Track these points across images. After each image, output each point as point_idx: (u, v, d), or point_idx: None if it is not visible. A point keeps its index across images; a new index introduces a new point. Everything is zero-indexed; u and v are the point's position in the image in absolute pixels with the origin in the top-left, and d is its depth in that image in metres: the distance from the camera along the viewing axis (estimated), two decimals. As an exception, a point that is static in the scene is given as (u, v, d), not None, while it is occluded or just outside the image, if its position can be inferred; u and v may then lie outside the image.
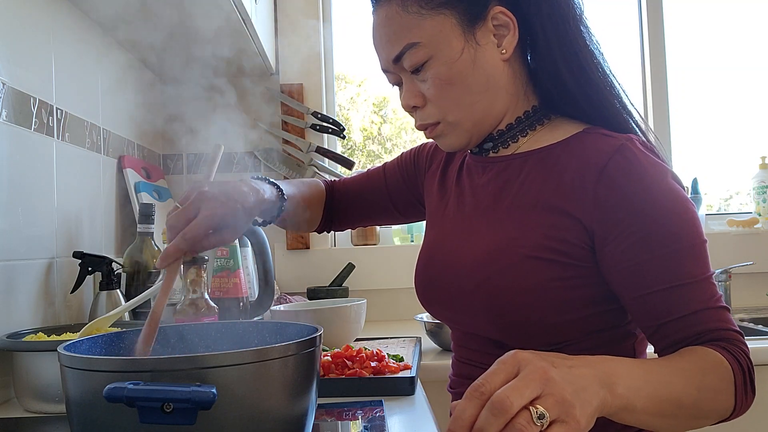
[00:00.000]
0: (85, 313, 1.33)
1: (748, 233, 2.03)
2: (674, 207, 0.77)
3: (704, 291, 0.76)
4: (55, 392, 0.92)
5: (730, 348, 0.74)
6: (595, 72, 0.85)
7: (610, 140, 0.81)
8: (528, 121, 0.88)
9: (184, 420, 0.52)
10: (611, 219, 0.78)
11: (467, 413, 0.55)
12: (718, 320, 0.76)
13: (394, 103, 2.58)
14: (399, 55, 0.84)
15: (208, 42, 1.59)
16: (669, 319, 0.76)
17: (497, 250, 0.84)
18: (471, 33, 0.83)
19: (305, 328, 0.74)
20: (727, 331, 0.76)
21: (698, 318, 0.76)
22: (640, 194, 0.77)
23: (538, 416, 0.54)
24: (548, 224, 0.81)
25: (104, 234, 1.52)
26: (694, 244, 0.77)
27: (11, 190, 1.11)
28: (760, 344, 1.38)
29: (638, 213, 0.76)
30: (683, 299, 0.76)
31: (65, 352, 0.60)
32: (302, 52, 2.07)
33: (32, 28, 1.22)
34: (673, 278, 0.76)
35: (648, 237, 0.76)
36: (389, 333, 1.54)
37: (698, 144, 2.28)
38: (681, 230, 0.76)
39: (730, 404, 0.72)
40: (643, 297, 0.77)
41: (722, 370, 0.71)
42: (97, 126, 1.49)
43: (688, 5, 2.27)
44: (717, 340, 0.75)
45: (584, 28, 0.86)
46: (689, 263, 0.76)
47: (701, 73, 2.30)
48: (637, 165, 0.78)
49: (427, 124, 0.88)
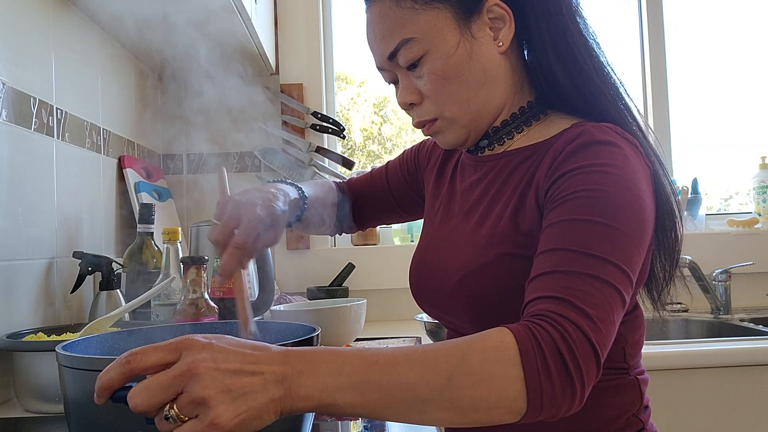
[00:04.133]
0: (85, 313, 1.33)
1: (748, 233, 2.03)
2: (612, 188, 0.71)
3: (590, 265, 0.66)
4: (55, 392, 0.92)
5: (535, 325, 0.61)
6: (587, 63, 0.82)
7: (578, 127, 0.78)
8: (522, 117, 0.87)
9: (187, 418, 0.52)
10: (552, 194, 0.74)
11: (107, 375, 0.52)
12: (563, 288, 0.65)
13: (394, 103, 2.58)
14: (394, 52, 0.83)
15: (208, 42, 1.59)
16: (535, 275, 0.68)
17: (475, 251, 0.83)
18: (467, 26, 0.81)
19: (304, 328, 0.74)
20: (556, 299, 0.64)
21: (551, 281, 0.66)
22: (581, 169, 0.73)
23: (165, 416, 0.51)
24: (517, 218, 0.80)
25: (104, 234, 1.52)
26: (614, 227, 0.68)
27: (11, 190, 1.11)
28: (760, 344, 1.38)
29: (572, 182, 0.72)
30: (560, 260, 0.67)
31: (64, 352, 0.60)
32: (302, 52, 2.07)
33: (32, 28, 1.22)
34: (570, 242, 0.68)
35: (569, 203, 0.71)
36: (389, 333, 1.54)
37: (698, 144, 2.28)
38: (607, 209, 0.69)
39: (514, 392, 0.59)
40: (538, 256, 0.70)
41: (498, 353, 0.60)
42: (97, 126, 1.49)
43: (688, 5, 2.27)
44: (537, 315, 0.64)
45: (579, 18, 0.84)
46: (597, 238, 0.68)
47: (701, 73, 2.30)
48: (592, 143, 0.74)
49: (425, 121, 0.87)
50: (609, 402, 0.82)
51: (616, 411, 0.82)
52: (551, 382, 0.59)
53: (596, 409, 0.81)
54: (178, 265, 1.20)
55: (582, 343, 0.61)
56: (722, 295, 1.86)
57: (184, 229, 1.60)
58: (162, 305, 1.18)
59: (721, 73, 2.31)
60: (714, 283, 1.87)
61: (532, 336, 0.60)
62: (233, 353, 0.54)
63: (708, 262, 1.87)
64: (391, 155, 2.62)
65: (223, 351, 0.53)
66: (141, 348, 0.53)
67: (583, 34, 0.83)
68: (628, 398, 0.83)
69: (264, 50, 1.82)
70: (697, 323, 1.85)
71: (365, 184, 1.14)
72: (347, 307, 1.29)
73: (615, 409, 0.82)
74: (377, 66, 0.88)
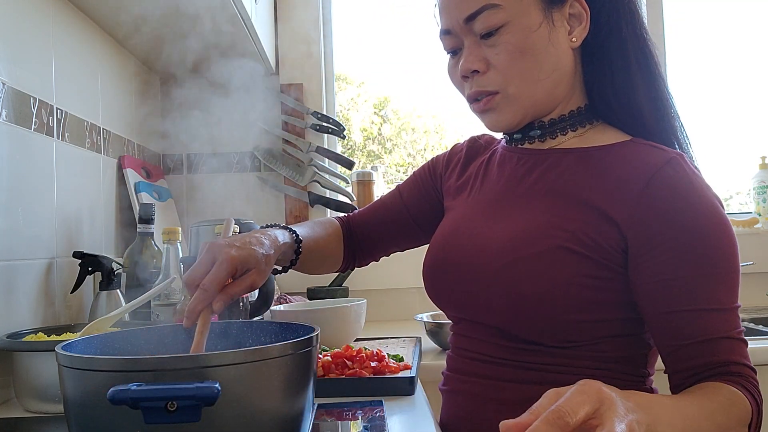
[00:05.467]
0: (85, 313, 1.33)
1: (748, 233, 2.03)
2: (716, 231, 0.76)
3: (729, 321, 0.76)
4: (55, 392, 0.92)
5: (748, 386, 0.73)
6: (662, 83, 0.86)
7: (661, 152, 0.81)
8: (578, 118, 0.88)
9: (189, 417, 0.53)
10: (651, 229, 0.77)
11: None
12: (737, 353, 0.75)
13: (394, 103, 2.58)
14: (474, 14, 0.82)
15: (208, 41, 1.59)
16: (689, 342, 0.76)
17: (526, 236, 0.82)
18: (550, 12, 0.83)
19: (303, 328, 0.74)
20: (742, 366, 0.75)
21: (718, 347, 0.75)
22: (684, 210, 0.76)
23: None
24: (584, 219, 0.80)
25: (104, 234, 1.52)
26: (729, 271, 0.76)
27: (11, 190, 1.11)
28: (760, 344, 1.38)
29: (680, 229, 0.76)
30: (707, 325, 0.75)
31: (64, 352, 0.60)
32: (302, 52, 2.07)
33: (32, 28, 1.22)
34: (702, 301, 0.75)
35: (685, 255, 0.75)
36: (389, 333, 1.54)
37: (698, 144, 2.28)
38: (719, 255, 0.76)
39: None
40: (667, 315, 0.76)
41: (743, 412, 0.71)
42: (97, 126, 1.49)
43: (688, 5, 2.27)
44: (732, 374, 0.74)
45: (649, 37, 0.87)
46: (721, 290, 0.76)
47: (701, 73, 2.30)
48: (686, 181, 0.77)
49: (486, 92, 0.85)
50: None
51: None
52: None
53: None
54: (178, 265, 1.20)
55: (761, 399, 0.74)
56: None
57: (184, 229, 1.60)
58: (162, 305, 1.18)
59: (721, 73, 2.31)
60: (714, 283, 1.87)
61: (753, 398, 0.73)
62: (631, 405, 0.58)
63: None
64: (391, 155, 2.61)
65: (626, 403, 0.57)
66: (564, 405, 0.52)
67: (654, 53, 0.87)
68: None
69: (264, 50, 1.82)
70: (697, 323, 1.84)
71: (373, 213, 1.11)
72: (347, 307, 1.29)
73: None
74: (444, 28, 0.87)
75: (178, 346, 0.79)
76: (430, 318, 1.51)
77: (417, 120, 2.80)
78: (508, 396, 0.84)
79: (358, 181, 2.09)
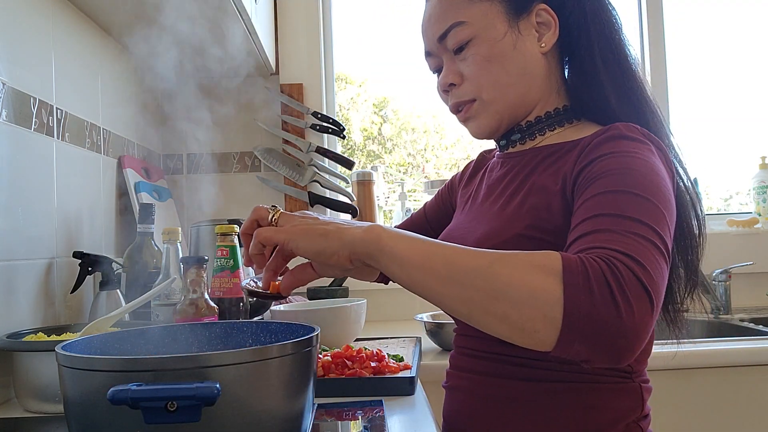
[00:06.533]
0: (85, 313, 1.33)
1: (748, 233, 2.04)
2: (646, 173, 0.72)
3: (628, 225, 0.66)
4: (55, 392, 0.92)
5: (585, 255, 0.62)
6: (632, 81, 0.88)
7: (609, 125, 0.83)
8: (557, 118, 0.91)
9: (189, 417, 0.53)
10: (584, 176, 0.77)
11: None
12: (620, 245, 0.63)
13: (394, 103, 2.58)
14: (444, 33, 0.89)
15: (208, 42, 1.59)
16: (583, 233, 0.68)
17: (495, 232, 0.86)
18: (515, 22, 0.88)
19: (303, 328, 0.74)
20: (612, 250, 0.63)
21: (603, 236, 0.65)
22: (615, 154, 0.76)
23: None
24: (539, 205, 0.83)
25: (104, 234, 1.52)
26: (650, 200, 0.69)
27: (11, 190, 1.11)
28: (760, 344, 1.38)
29: (607, 164, 0.75)
30: (601, 222, 0.67)
31: (64, 352, 0.60)
32: (302, 52, 2.07)
33: (32, 28, 1.22)
34: (617, 209, 0.68)
35: (607, 181, 0.72)
36: (389, 333, 1.54)
37: (698, 144, 2.28)
38: (643, 186, 0.70)
39: (551, 297, 0.59)
40: (576, 226, 0.71)
41: (542, 260, 0.61)
42: (97, 126, 1.49)
43: (688, 5, 2.27)
44: (586, 250, 0.64)
45: (624, 38, 0.90)
46: (642, 209, 0.68)
47: (701, 73, 2.30)
48: (620, 136, 0.79)
49: (463, 102, 0.92)
50: (607, 404, 0.82)
51: (614, 414, 0.82)
52: (592, 299, 0.58)
53: (594, 410, 0.82)
54: (178, 265, 1.20)
55: (631, 279, 0.60)
56: (722, 295, 1.87)
57: (184, 229, 1.60)
58: (162, 305, 1.18)
59: (722, 72, 2.31)
60: (714, 283, 1.87)
61: (580, 261, 0.61)
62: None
63: (708, 262, 1.85)
64: (391, 155, 2.61)
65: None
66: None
67: (627, 53, 0.90)
68: (628, 404, 0.83)
69: (264, 50, 1.82)
70: (697, 323, 1.85)
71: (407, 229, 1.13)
72: (347, 307, 1.29)
73: (613, 413, 0.82)
74: (426, 51, 0.95)
75: (178, 346, 0.79)
76: (430, 318, 1.51)
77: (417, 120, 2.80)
78: (495, 392, 0.87)
79: (358, 181, 2.10)
